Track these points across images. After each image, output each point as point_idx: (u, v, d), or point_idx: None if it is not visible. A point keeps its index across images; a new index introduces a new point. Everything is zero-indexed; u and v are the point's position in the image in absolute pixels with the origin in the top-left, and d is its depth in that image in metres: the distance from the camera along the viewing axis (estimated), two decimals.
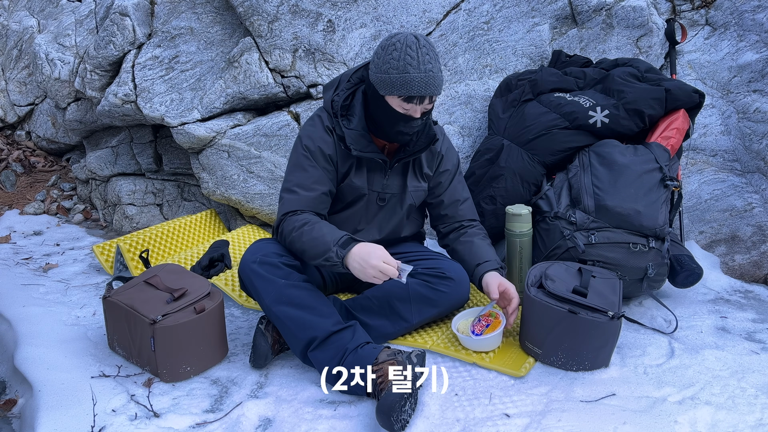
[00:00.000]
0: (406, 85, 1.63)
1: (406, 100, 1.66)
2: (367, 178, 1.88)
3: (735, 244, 2.54)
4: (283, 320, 1.69)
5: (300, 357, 1.72)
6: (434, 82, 1.65)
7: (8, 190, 3.85)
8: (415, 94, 1.64)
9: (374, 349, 1.62)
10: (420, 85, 1.63)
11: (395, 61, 1.63)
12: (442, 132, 2.03)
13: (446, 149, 2.01)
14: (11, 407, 1.63)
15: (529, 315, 1.78)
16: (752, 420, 1.49)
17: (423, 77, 1.63)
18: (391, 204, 1.95)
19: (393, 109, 1.70)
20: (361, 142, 1.79)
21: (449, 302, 1.90)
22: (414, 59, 1.62)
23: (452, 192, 2.02)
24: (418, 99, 1.66)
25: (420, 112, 1.71)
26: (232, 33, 2.93)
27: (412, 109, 1.69)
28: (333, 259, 1.64)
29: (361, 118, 1.79)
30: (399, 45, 1.64)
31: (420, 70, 1.62)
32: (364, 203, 1.92)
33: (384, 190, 1.91)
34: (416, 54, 1.62)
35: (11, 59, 4.33)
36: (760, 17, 2.51)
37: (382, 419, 1.42)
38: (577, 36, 2.69)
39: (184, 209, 3.36)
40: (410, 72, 1.62)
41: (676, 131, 2.22)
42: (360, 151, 1.79)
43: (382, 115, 1.74)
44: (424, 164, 1.95)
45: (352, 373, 1.57)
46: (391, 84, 1.65)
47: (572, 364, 1.72)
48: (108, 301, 1.76)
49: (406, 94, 1.65)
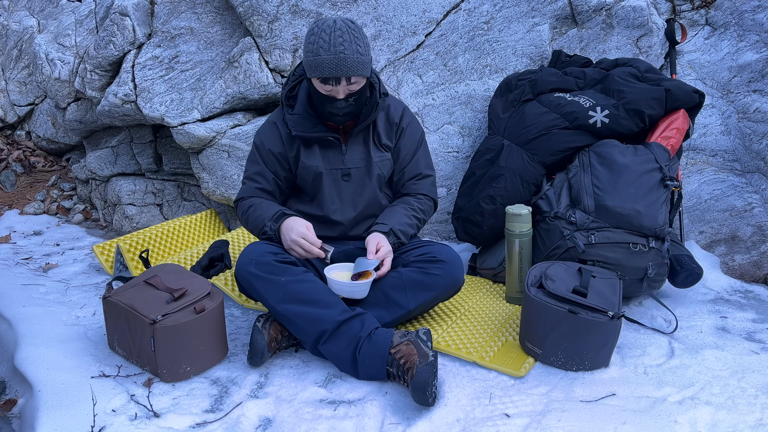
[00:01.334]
0: (319, 67, 1.72)
1: (323, 81, 1.74)
2: (321, 157, 1.95)
3: (735, 244, 2.54)
4: (290, 318, 1.72)
5: (311, 351, 1.76)
6: (345, 63, 1.70)
7: (8, 190, 3.85)
8: (326, 75, 1.72)
9: (386, 333, 1.68)
10: (330, 66, 1.70)
11: (310, 45, 1.73)
12: (402, 105, 2.08)
13: (408, 123, 2.05)
14: (11, 407, 1.63)
15: (529, 315, 1.77)
16: (752, 420, 1.49)
17: (332, 59, 1.69)
18: (358, 178, 2.00)
19: (318, 91, 1.79)
20: (304, 124, 1.90)
21: (443, 284, 1.90)
22: (326, 42, 1.70)
23: (413, 166, 2.06)
24: (333, 80, 1.73)
25: (342, 93, 1.77)
26: (232, 33, 2.93)
27: (333, 90, 1.76)
28: (268, 233, 1.85)
29: (303, 103, 1.91)
30: (316, 29, 1.73)
31: (330, 52, 1.69)
32: (330, 182, 1.98)
33: (346, 165, 1.97)
34: (329, 37, 1.70)
35: (11, 59, 4.33)
36: (760, 17, 2.51)
37: (417, 395, 1.50)
38: (577, 36, 2.69)
39: (184, 209, 3.36)
40: (321, 54, 1.70)
41: (676, 131, 2.22)
42: (303, 132, 1.90)
43: (315, 97, 1.84)
44: (383, 135, 2.01)
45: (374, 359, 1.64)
46: (309, 66, 1.75)
47: (572, 364, 1.72)
48: (108, 301, 1.76)
49: (319, 76, 1.73)
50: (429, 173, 2.09)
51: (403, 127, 2.03)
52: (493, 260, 2.39)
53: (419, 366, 1.54)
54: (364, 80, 1.80)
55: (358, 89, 1.79)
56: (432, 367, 1.53)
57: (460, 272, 1.93)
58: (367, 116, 1.93)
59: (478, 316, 2.07)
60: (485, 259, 2.42)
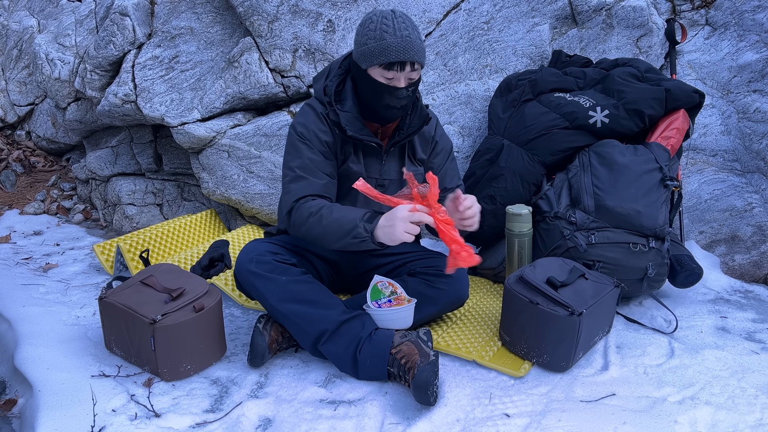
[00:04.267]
0: (384, 51, 1.65)
1: (387, 67, 1.67)
2: (364, 165, 1.87)
3: (735, 244, 2.54)
4: (289, 317, 1.71)
5: (310, 351, 1.75)
6: (412, 46, 1.66)
7: (8, 190, 3.85)
8: (393, 59, 1.65)
9: (387, 333, 1.68)
10: (398, 50, 1.65)
11: (372, 32, 1.66)
12: (436, 118, 2.04)
13: (440, 135, 2.01)
14: (11, 407, 1.63)
15: (504, 302, 1.83)
16: (752, 420, 1.49)
17: (400, 42, 1.65)
18: (390, 191, 1.94)
19: (377, 82, 1.70)
20: (355, 124, 1.78)
21: (448, 300, 1.90)
22: (390, 26, 1.65)
23: (443, 178, 2.00)
24: (398, 65, 1.66)
25: (404, 80, 1.70)
26: (232, 33, 2.93)
27: (395, 78, 1.69)
28: (362, 235, 1.59)
29: (353, 101, 1.79)
30: (375, 18, 1.68)
31: (396, 36, 1.64)
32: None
33: (382, 176, 1.90)
34: (392, 22, 1.66)
35: (11, 59, 4.33)
36: (760, 17, 2.51)
37: (419, 395, 1.50)
38: (577, 36, 2.69)
39: (184, 209, 3.36)
40: (387, 39, 1.64)
41: (676, 131, 2.22)
42: (355, 133, 1.77)
43: (368, 92, 1.74)
44: (418, 149, 1.96)
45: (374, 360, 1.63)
46: (371, 54, 1.67)
47: (533, 355, 1.74)
48: (104, 302, 1.76)
49: (386, 61, 1.65)
50: (459, 183, 2.05)
51: (437, 141, 1.99)
52: (493, 260, 2.39)
53: (420, 365, 1.54)
54: (420, 71, 1.75)
55: (416, 81, 1.75)
56: (433, 367, 1.54)
57: (466, 288, 1.93)
58: (413, 127, 1.85)
59: (478, 316, 2.07)
60: (485, 259, 2.42)
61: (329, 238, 1.66)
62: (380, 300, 1.75)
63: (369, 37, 1.67)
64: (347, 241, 1.63)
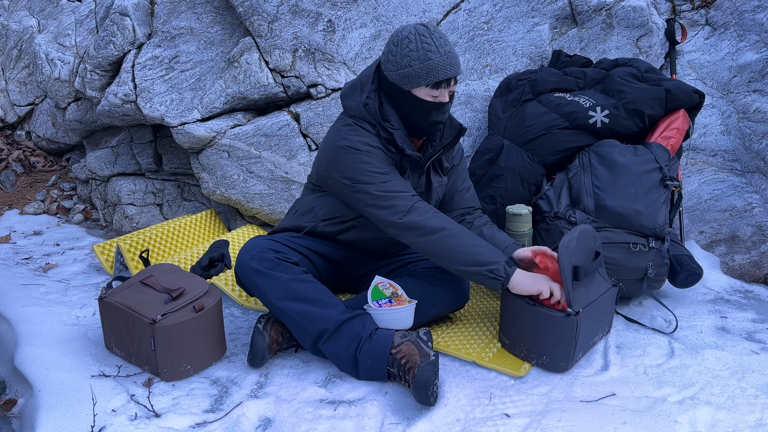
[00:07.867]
0: (432, 72, 1.65)
1: (434, 86, 1.67)
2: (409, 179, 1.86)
3: (735, 244, 2.54)
4: (290, 315, 1.71)
5: (310, 349, 1.74)
6: (456, 61, 1.68)
7: (8, 190, 3.85)
8: (442, 77, 1.66)
9: (387, 333, 1.67)
10: (445, 67, 1.65)
11: (414, 52, 1.64)
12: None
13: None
14: (11, 407, 1.63)
15: (502, 304, 1.82)
16: (752, 420, 1.49)
17: (446, 59, 1.65)
18: None
19: (422, 101, 1.70)
20: (408, 142, 1.78)
21: (448, 301, 1.91)
22: (432, 45, 1.64)
23: (457, 180, 2.01)
24: (445, 83, 1.68)
25: (448, 95, 1.72)
26: (232, 33, 2.93)
27: (441, 95, 1.70)
28: (499, 273, 1.64)
29: (397, 119, 1.77)
30: (412, 36, 1.66)
31: (441, 53, 1.64)
32: None
33: (416, 189, 1.89)
34: (431, 39, 1.64)
35: (11, 59, 4.33)
36: (760, 17, 2.51)
37: (419, 394, 1.50)
38: (577, 36, 2.69)
39: (184, 209, 3.36)
40: (433, 58, 1.64)
41: (676, 131, 2.22)
42: (412, 151, 1.77)
43: (412, 111, 1.74)
44: (444, 158, 1.95)
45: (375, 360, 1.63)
46: (417, 75, 1.66)
47: (533, 357, 1.74)
48: (104, 302, 1.76)
49: (434, 80, 1.66)
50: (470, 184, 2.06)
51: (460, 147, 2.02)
52: None
53: (421, 365, 1.54)
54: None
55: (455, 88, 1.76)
56: (434, 367, 1.54)
57: (466, 290, 1.93)
58: (447, 138, 1.84)
59: (477, 316, 2.07)
60: None
61: (455, 258, 1.67)
62: (381, 300, 1.76)
63: (412, 59, 1.65)
64: (476, 269, 1.65)
